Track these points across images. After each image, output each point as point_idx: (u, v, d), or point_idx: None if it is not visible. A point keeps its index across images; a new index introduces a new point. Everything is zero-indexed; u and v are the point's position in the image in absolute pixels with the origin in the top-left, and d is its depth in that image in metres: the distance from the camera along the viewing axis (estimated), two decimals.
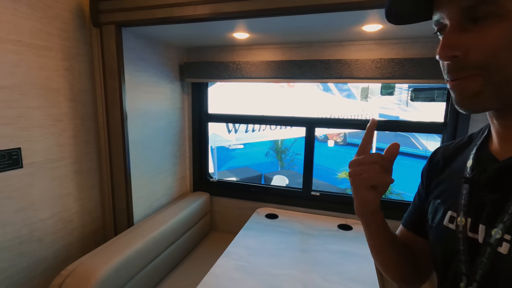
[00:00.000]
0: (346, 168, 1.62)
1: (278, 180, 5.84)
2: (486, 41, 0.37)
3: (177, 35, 1.64)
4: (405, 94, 10.87)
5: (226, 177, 6.09)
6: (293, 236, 1.64)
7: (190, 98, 2.10)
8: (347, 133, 11.66)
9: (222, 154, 10.07)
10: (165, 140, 1.91)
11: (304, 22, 1.34)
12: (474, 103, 0.41)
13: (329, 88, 11.59)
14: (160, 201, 1.90)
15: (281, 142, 8.13)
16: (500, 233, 0.39)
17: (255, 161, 9.52)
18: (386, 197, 5.03)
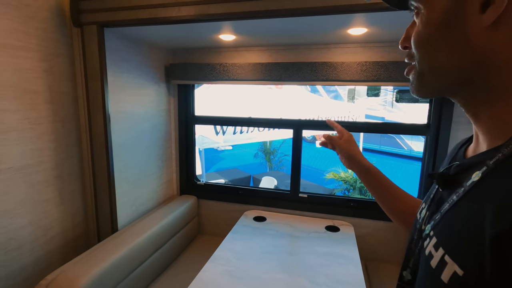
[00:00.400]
0: (334, 168, 1.68)
1: (266, 181, 5.85)
2: (413, 34, 0.42)
3: (162, 36, 1.61)
4: (390, 95, 11.13)
5: (215, 179, 6.04)
6: (281, 238, 1.63)
7: (176, 100, 2.07)
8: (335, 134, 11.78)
9: (211, 155, 10.00)
10: (151, 142, 1.87)
11: (290, 25, 1.34)
12: (413, 89, 0.44)
13: (317, 90, 11.71)
14: (145, 206, 1.86)
15: (270, 143, 8.15)
16: (429, 229, 0.41)
17: (243, 162, 9.51)
18: (372, 198, 5.12)
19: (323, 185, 6.07)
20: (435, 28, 0.38)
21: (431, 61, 0.40)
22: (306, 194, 1.97)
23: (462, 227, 0.35)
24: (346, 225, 1.80)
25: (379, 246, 1.84)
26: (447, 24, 0.37)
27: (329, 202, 1.95)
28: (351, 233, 1.70)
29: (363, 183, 0.83)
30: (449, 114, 1.61)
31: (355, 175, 5.54)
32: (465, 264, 0.32)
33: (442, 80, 0.40)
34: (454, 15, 0.36)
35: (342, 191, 5.57)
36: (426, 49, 0.40)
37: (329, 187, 5.98)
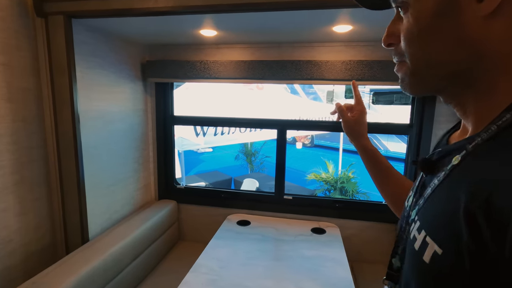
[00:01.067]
0: (315, 169, 1.65)
1: (248, 184, 5.78)
2: (403, 30, 0.40)
3: (137, 30, 1.50)
4: (367, 97, 11.45)
5: (195, 182, 5.89)
6: (266, 243, 1.57)
7: (153, 99, 1.95)
8: (314, 135, 11.98)
9: (190, 158, 9.78)
10: (126, 144, 1.75)
11: (274, 20, 1.29)
12: (405, 86, 0.43)
13: (297, 91, 11.81)
14: (120, 212, 1.73)
15: (251, 145, 8.09)
16: (414, 214, 0.42)
17: (224, 164, 9.38)
18: (353, 197, 5.20)
19: (304, 186, 6.09)
20: (427, 21, 0.36)
21: (425, 55, 0.38)
22: (291, 196, 1.92)
23: (441, 208, 0.36)
24: (332, 226, 1.77)
25: (363, 247, 1.83)
26: (440, 15, 0.35)
27: (314, 203, 1.91)
28: (337, 235, 1.67)
29: (364, 163, 0.82)
30: (431, 113, 1.63)
31: (336, 176, 5.63)
32: (444, 243, 0.33)
33: (437, 74, 0.39)
34: (448, 5, 0.34)
35: (323, 192, 5.61)
36: (419, 44, 0.38)
37: (310, 188, 6.01)
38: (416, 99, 1.68)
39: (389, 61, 1.54)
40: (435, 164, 0.42)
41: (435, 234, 0.35)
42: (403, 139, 9.50)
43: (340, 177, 5.41)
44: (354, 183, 5.24)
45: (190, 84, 4.18)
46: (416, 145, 1.69)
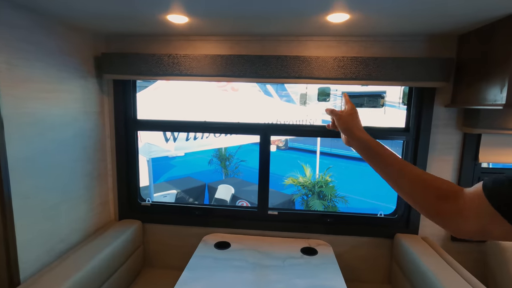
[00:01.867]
0: (292, 174, 2.49)
1: (223, 190, 5.47)
2: None
3: (87, 12, 1.18)
4: (339, 100, 11.65)
5: (165, 190, 5.47)
6: (251, 272, 1.32)
7: (111, 99, 1.63)
8: (288, 138, 11.94)
9: (160, 163, 9.25)
10: (74, 155, 1.41)
11: (259, 3, 1.05)
12: None
13: (270, 93, 11.72)
14: (67, 241, 1.38)
15: (225, 149, 7.79)
16: None
17: (197, 169, 8.97)
18: (331, 202, 5.10)
19: (281, 191, 5.91)
20: None
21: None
22: (277, 211, 1.69)
23: None
24: (324, 245, 1.56)
25: (358, 265, 1.65)
26: None
27: (302, 218, 1.70)
28: (330, 255, 1.47)
29: (367, 162, 0.71)
30: (429, 117, 1.48)
31: (313, 179, 5.52)
32: None
33: None
34: None
35: (301, 196, 5.47)
36: None
37: (287, 193, 5.84)
38: (413, 103, 1.53)
39: (386, 58, 1.37)
40: None
41: None
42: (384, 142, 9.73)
43: (318, 181, 5.30)
44: (332, 187, 5.15)
45: (160, 83, 3.82)
46: (414, 150, 1.54)
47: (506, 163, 1.48)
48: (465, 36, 1.36)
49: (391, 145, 6.92)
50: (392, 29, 1.32)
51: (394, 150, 1.48)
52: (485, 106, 1.20)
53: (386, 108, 10.22)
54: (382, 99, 10.14)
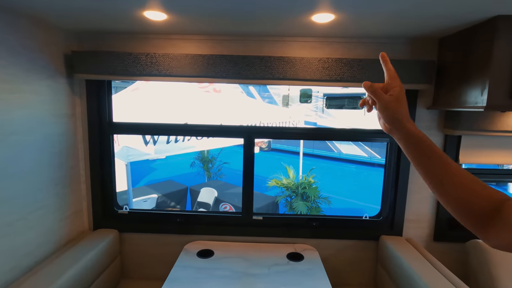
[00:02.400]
0: (275, 175, 2.34)
1: (206, 193, 5.37)
2: None
3: (56, 5, 1.09)
4: (321, 102, 11.83)
5: (146, 194, 5.29)
6: (236, 281, 1.26)
7: (84, 101, 1.52)
8: (271, 140, 11.96)
9: (140, 166, 8.96)
10: (42, 162, 1.30)
11: (242, 1, 1.00)
12: None
13: (253, 95, 11.69)
14: (34, 256, 1.26)
15: (207, 151, 7.66)
16: None
17: (179, 172, 8.78)
18: (314, 203, 5.13)
19: (265, 193, 5.88)
20: None
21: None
22: (261, 216, 1.64)
23: None
24: (310, 249, 1.53)
25: (344, 268, 1.63)
26: None
27: (287, 223, 1.66)
28: (317, 260, 1.44)
29: (409, 158, 0.60)
30: (412, 117, 1.49)
31: (297, 181, 5.53)
32: None
33: None
34: None
35: (284, 198, 5.46)
36: None
37: (271, 195, 5.82)
38: None
39: (370, 60, 1.36)
40: None
41: None
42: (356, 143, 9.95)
43: (301, 182, 5.31)
44: (315, 188, 5.18)
45: (139, 84, 3.67)
46: (397, 151, 1.55)
47: (485, 163, 1.51)
48: (446, 39, 1.38)
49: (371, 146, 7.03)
50: (376, 31, 1.32)
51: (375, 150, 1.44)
52: (466, 109, 1.22)
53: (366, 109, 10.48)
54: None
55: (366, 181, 8.55)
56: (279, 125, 4.70)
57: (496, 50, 1.08)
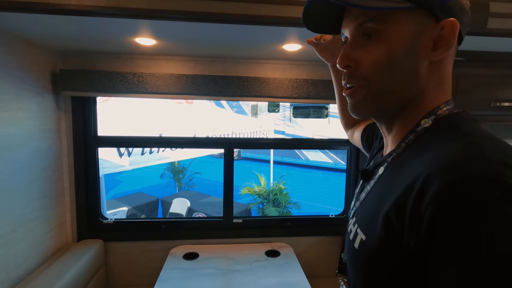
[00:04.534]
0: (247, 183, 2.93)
1: (178, 204, 5.35)
2: (371, 57, 0.44)
3: (47, 30, 1.18)
4: (288, 111, 12.30)
5: (115, 207, 5.15)
6: (221, 277, 1.40)
7: (69, 116, 1.58)
8: (240, 149, 12.12)
9: (106, 179, 8.59)
10: (31, 176, 1.34)
11: (225, 33, 1.18)
12: (360, 110, 0.48)
13: (222, 105, 11.80)
14: (23, 267, 1.30)
15: (178, 162, 7.61)
16: (352, 214, 0.54)
17: (147, 184, 8.56)
18: (285, 208, 5.37)
19: (238, 201, 6.01)
20: (398, 56, 0.43)
21: (391, 83, 0.44)
22: (241, 219, 1.80)
23: (368, 207, 0.48)
24: (285, 246, 1.72)
25: (315, 262, 1.84)
26: (408, 54, 0.43)
27: (264, 224, 1.84)
28: (291, 255, 1.63)
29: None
30: None
31: (268, 188, 5.74)
32: (368, 232, 0.44)
33: (396, 99, 0.45)
34: (414, 47, 0.42)
35: (256, 205, 5.64)
36: (389, 73, 0.44)
37: (243, 202, 5.96)
38: None
39: (331, 80, 1.61)
40: (371, 173, 0.53)
41: (363, 227, 0.46)
42: (323, 150, 10.48)
43: (272, 189, 5.54)
44: (286, 194, 5.43)
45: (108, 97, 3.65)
46: (356, 158, 1.81)
47: None
48: None
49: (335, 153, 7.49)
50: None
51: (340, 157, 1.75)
52: None
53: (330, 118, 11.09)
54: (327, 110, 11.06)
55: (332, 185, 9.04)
56: (251, 134, 4.90)
57: None
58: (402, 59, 0.43)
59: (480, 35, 1.13)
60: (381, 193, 0.45)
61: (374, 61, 0.44)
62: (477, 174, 0.31)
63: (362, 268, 0.46)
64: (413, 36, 0.42)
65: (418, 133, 0.45)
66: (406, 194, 0.37)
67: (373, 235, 0.42)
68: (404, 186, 0.38)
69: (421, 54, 0.43)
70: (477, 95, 1.42)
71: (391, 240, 0.38)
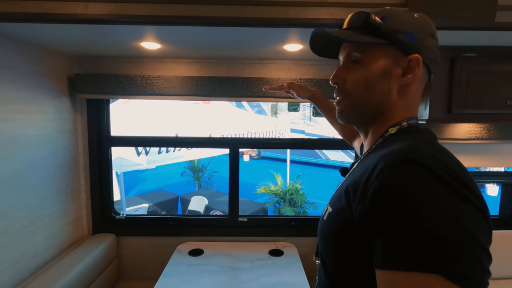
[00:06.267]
0: (265, 183, 3.00)
1: (196, 201, 5.49)
2: (353, 78, 0.57)
3: (61, 38, 1.27)
4: (308, 110, 12.16)
5: (137, 204, 5.36)
6: (223, 274, 1.44)
7: (84, 118, 1.69)
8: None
9: (130, 177, 8.98)
10: (48, 173, 1.45)
11: (226, 36, 1.21)
12: (343, 117, 0.61)
13: (242, 105, 11.89)
14: (41, 257, 1.41)
15: (198, 161, 7.79)
16: (328, 201, 0.61)
17: (169, 181, 8.83)
18: (301, 208, 5.33)
19: (254, 200, 6.05)
20: (375, 78, 0.56)
21: (367, 99, 0.57)
22: (246, 218, 1.82)
23: (339, 191, 0.57)
24: (289, 246, 1.72)
25: None
26: (382, 77, 0.55)
27: (270, 223, 1.85)
28: (295, 254, 1.63)
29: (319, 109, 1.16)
30: None
31: (284, 187, 5.73)
32: (333, 205, 0.56)
33: (370, 111, 0.58)
34: (387, 72, 0.55)
35: (273, 204, 5.64)
36: (366, 91, 0.57)
37: (260, 202, 5.99)
38: None
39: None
40: (348, 170, 0.66)
41: (332, 202, 0.57)
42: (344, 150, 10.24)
43: (288, 189, 5.51)
44: (302, 194, 5.39)
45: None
46: None
47: None
48: None
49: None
50: None
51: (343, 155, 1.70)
52: None
53: None
54: None
55: None
56: (267, 134, 4.92)
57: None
58: (377, 81, 0.56)
59: (488, 29, 1.07)
60: (349, 179, 0.55)
61: (355, 81, 0.57)
62: (411, 159, 0.43)
63: (324, 237, 0.56)
64: (386, 65, 0.55)
65: (385, 137, 0.57)
66: (363, 174, 0.48)
67: (336, 206, 0.54)
68: (363, 170, 0.49)
69: (393, 79, 0.55)
70: (491, 93, 1.33)
71: (346, 206, 0.50)
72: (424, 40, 0.55)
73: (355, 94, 0.57)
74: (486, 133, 1.62)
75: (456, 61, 1.30)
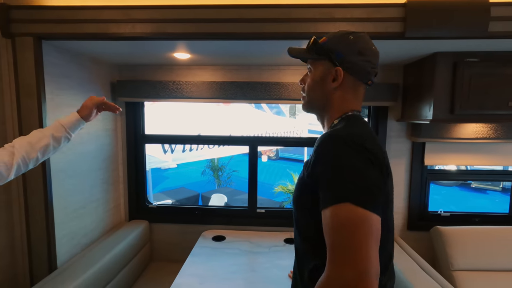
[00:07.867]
0: (282, 182, 2.79)
1: (216, 199, 5.73)
2: (307, 82, 0.83)
3: (109, 51, 1.52)
4: None
5: (160, 200, 5.69)
6: (243, 256, 1.62)
7: (123, 118, 1.94)
8: (279, 149, 12.28)
9: (154, 175, 9.42)
10: (95, 165, 1.70)
11: (248, 47, 1.40)
12: (304, 109, 0.87)
13: (261, 106, 12.06)
14: (89, 237, 1.66)
15: (217, 160, 8.06)
16: None
17: (190, 180, 9.17)
18: None
19: (272, 199, 6.21)
20: (316, 82, 0.81)
21: (313, 97, 0.83)
22: (264, 209, 2.00)
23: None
24: None
25: None
26: (320, 81, 0.80)
27: (285, 215, 2.01)
28: None
29: None
30: (384, 129, 1.84)
31: None
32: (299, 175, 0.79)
33: (316, 106, 0.84)
34: (323, 79, 0.79)
35: (290, 203, 5.77)
36: (312, 91, 0.82)
37: (278, 200, 6.14)
38: (371, 118, 1.89)
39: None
40: None
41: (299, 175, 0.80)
42: None
43: None
44: None
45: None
46: None
47: (446, 165, 1.84)
48: (408, 66, 1.73)
49: None
50: None
51: None
52: (420, 121, 1.56)
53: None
54: None
55: None
56: (285, 134, 5.06)
57: (437, 77, 1.43)
58: (318, 85, 0.80)
59: (482, 38, 1.18)
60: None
61: (308, 84, 0.83)
62: (338, 134, 0.69)
63: (293, 199, 0.80)
64: (322, 74, 0.79)
65: (332, 126, 0.78)
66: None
67: (298, 176, 0.79)
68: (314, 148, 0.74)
69: (327, 83, 0.79)
70: (494, 95, 1.42)
71: (302, 174, 0.75)
72: (348, 57, 0.76)
73: (308, 93, 0.83)
74: (493, 133, 1.70)
75: (458, 65, 1.40)
